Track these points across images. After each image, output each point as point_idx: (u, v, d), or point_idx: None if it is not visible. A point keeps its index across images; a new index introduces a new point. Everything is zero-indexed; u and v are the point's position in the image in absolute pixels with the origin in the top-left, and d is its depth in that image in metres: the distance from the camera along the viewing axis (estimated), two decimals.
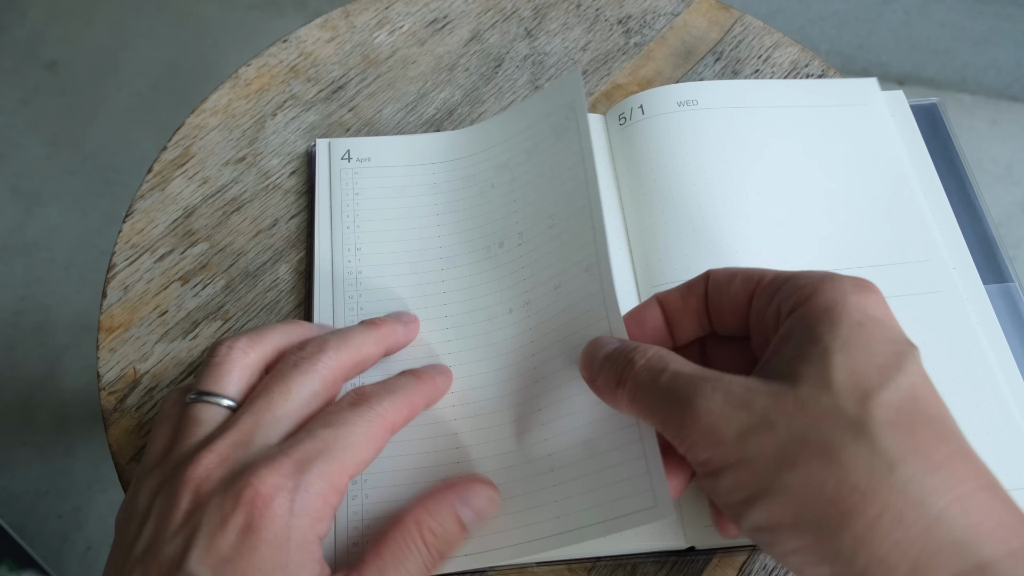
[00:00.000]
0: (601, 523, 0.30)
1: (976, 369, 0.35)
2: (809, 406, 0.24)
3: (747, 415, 0.24)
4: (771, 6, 1.31)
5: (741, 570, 0.33)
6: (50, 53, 1.30)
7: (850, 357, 0.24)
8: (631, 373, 0.28)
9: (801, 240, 0.38)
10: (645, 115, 0.41)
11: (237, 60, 0.65)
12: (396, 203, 0.40)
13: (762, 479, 0.24)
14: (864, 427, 0.23)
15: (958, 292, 0.37)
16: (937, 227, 0.39)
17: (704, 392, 0.25)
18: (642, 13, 0.48)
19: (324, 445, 0.28)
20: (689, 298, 0.31)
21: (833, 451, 0.23)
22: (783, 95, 0.42)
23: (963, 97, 1.26)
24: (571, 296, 0.34)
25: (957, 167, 0.41)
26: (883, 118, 0.41)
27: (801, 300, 0.27)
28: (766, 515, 0.24)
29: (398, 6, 0.48)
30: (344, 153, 0.42)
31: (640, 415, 0.28)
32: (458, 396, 0.35)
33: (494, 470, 0.32)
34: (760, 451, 0.24)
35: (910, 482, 0.22)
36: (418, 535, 0.28)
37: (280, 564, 0.25)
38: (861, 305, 0.26)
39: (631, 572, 0.33)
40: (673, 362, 0.27)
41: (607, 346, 0.30)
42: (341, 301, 0.37)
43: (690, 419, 0.25)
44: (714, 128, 0.40)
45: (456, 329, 0.36)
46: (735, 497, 0.25)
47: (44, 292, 1.11)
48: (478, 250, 0.38)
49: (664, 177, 0.39)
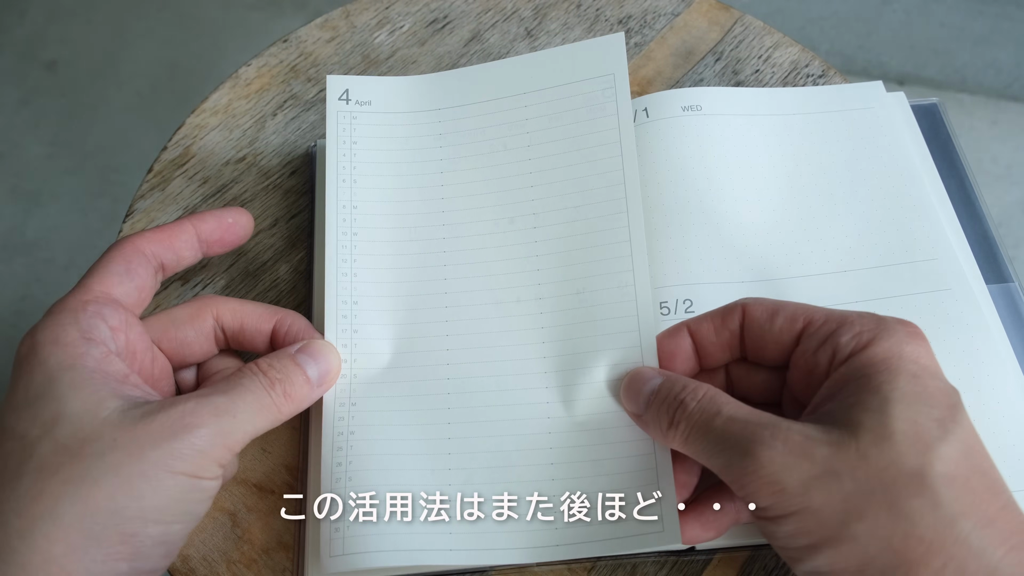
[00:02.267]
0: (603, 540, 0.30)
1: (986, 366, 0.35)
2: (871, 457, 0.25)
3: (810, 465, 0.25)
4: (771, 6, 1.31)
5: (741, 570, 0.33)
6: (50, 53, 1.30)
7: (909, 408, 0.25)
8: (684, 415, 0.28)
9: (808, 244, 0.38)
10: (649, 118, 0.41)
11: (237, 60, 0.65)
12: (397, 156, 0.36)
13: (828, 528, 0.25)
14: (926, 479, 0.24)
15: (970, 288, 0.36)
16: (947, 224, 0.39)
17: (764, 440, 0.26)
18: (642, 13, 0.48)
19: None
20: (723, 330, 0.31)
21: (899, 503, 0.24)
22: (787, 102, 0.42)
23: (963, 97, 1.26)
24: (597, 310, 0.33)
25: (957, 167, 0.41)
26: (890, 121, 0.41)
27: (859, 347, 0.27)
28: (829, 562, 0.25)
29: (398, 6, 0.48)
30: (342, 93, 0.37)
31: (695, 457, 0.29)
32: (454, 384, 0.33)
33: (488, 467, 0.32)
34: (826, 501, 0.25)
35: (971, 535, 0.24)
36: (257, 368, 0.29)
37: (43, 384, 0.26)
38: (916, 356, 0.27)
39: (631, 572, 0.33)
40: (725, 404, 0.28)
41: (651, 381, 0.31)
42: (334, 263, 0.35)
43: (751, 468, 0.26)
44: (718, 133, 0.40)
45: (456, 309, 0.34)
46: (797, 543, 0.26)
47: (44, 292, 1.11)
48: (485, 221, 0.35)
49: (669, 181, 0.39)
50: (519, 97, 0.37)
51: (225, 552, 0.33)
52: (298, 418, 0.36)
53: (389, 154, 0.37)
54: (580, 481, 0.31)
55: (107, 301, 0.29)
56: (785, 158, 0.40)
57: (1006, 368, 0.35)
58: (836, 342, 0.28)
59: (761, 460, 0.26)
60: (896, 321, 0.28)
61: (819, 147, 0.41)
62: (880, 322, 0.28)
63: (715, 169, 0.39)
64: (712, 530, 0.30)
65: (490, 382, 0.33)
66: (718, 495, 0.30)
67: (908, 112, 0.42)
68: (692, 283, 0.36)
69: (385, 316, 0.34)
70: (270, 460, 0.35)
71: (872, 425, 0.25)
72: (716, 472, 0.28)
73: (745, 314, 0.31)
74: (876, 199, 0.39)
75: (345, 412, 0.33)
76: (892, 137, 0.41)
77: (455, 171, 0.36)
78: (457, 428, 0.32)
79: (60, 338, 0.27)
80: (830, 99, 0.42)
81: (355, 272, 0.35)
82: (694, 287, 0.36)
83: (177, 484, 0.26)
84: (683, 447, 0.29)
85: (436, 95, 0.38)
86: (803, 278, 0.37)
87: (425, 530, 0.31)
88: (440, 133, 0.37)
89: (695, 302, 0.36)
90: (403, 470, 0.32)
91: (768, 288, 0.37)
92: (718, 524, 0.30)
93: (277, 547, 0.33)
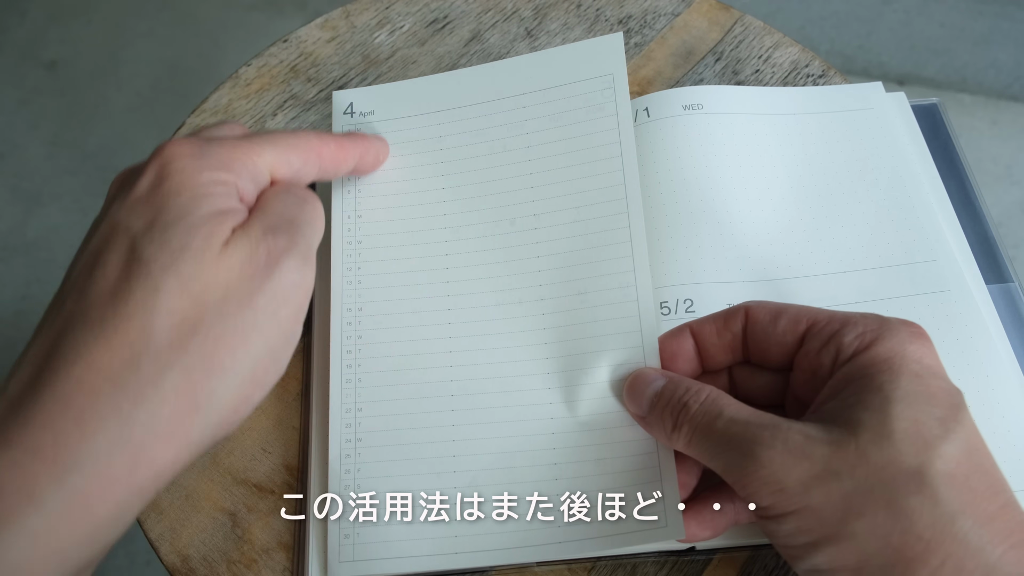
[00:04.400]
0: (606, 537, 0.30)
1: (986, 367, 0.35)
2: (871, 455, 0.25)
3: (809, 464, 0.25)
4: (771, 6, 1.31)
5: (742, 570, 0.33)
6: (50, 53, 1.30)
7: (911, 407, 0.25)
8: (687, 418, 0.29)
9: (808, 245, 0.38)
10: (651, 117, 0.41)
11: (237, 60, 0.65)
12: (399, 162, 0.37)
13: (827, 526, 0.25)
14: (925, 478, 0.24)
15: (968, 289, 0.36)
16: (946, 225, 0.39)
17: (764, 441, 0.26)
18: (642, 13, 0.48)
19: (255, 138, 0.28)
20: (725, 332, 0.31)
21: (897, 501, 0.24)
22: (788, 102, 0.42)
23: (963, 97, 1.26)
24: (599, 311, 0.33)
25: (957, 167, 0.41)
26: (889, 121, 0.41)
27: (863, 347, 0.28)
28: (828, 560, 0.25)
29: (398, 6, 0.48)
30: (347, 107, 0.39)
31: (699, 458, 0.29)
32: (457, 386, 0.33)
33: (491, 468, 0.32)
34: (826, 499, 0.25)
35: (970, 532, 0.24)
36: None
37: (183, 205, 0.26)
38: (919, 356, 0.27)
39: (631, 572, 0.33)
40: (727, 406, 0.28)
41: (654, 382, 0.31)
42: (339, 272, 0.35)
43: (752, 469, 0.26)
44: (719, 132, 0.40)
45: (458, 311, 0.34)
46: (797, 541, 0.26)
47: (44, 292, 1.11)
48: (486, 223, 0.36)
49: (669, 180, 0.39)
50: (518, 98, 0.37)
51: (225, 552, 0.33)
52: (298, 418, 0.36)
53: (391, 160, 0.37)
54: (583, 480, 0.31)
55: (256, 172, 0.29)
56: (785, 158, 0.40)
57: (1005, 368, 0.35)
58: (839, 342, 0.28)
59: (761, 461, 0.26)
60: (900, 322, 0.28)
61: (819, 147, 0.41)
62: (883, 322, 0.28)
63: (716, 168, 0.39)
64: (709, 529, 0.30)
65: (493, 383, 0.33)
66: (717, 495, 0.30)
67: (908, 112, 0.42)
68: (692, 283, 0.36)
69: (389, 320, 0.35)
70: (270, 460, 0.35)
71: (872, 424, 0.25)
72: (719, 473, 0.28)
73: (748, 316, 0.31)
74: (875, 200, 0.39)
75: (352, 418, 0.33)
76: (891, 138, 0.41)
77: (456, 174, 0.37)
78: (461, 430, 0.33)
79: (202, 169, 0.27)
80: (830, 99, 0.42)
81: (359, 279, 0.35)
82: (694, 287, 0.36)
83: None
84: (687, 449, 0.29)
85: (435, 97, 0.38)
86: (803, 279, 0.37)
87: (428, 533, 0.31)
88: (440, 135, 0.37)
89: (695, 301, 0.36)
90: (408, 475, 0.32)
91: (768, 288, 0.37)
92: (716, 524, 0.30)
93: (277, 547, 0.33)
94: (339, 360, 0.34)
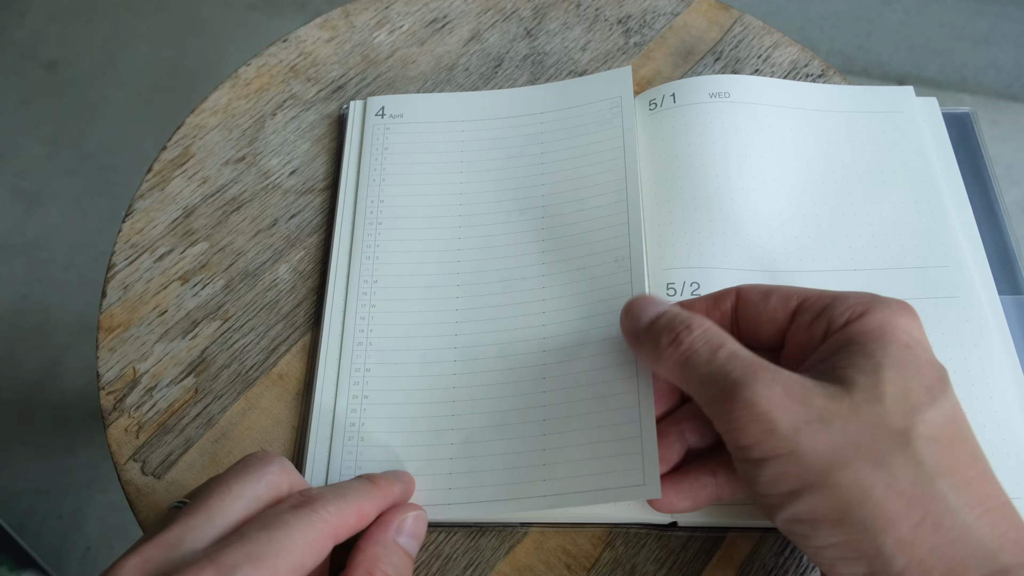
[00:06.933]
0: (586, 492, 0.31)
1: (986, 375, 0.35)
2: (862, 412, 0.26)
3: (804, 410, 0.26)
4: (771, 6, 1.31)
5: (741, 569, 0.33)
6: (50, 53, 1.30)
7: (900, 374, 0.26)
8: (689, 338, 0.29)
9: (820, 240, 0.38)
10: (676, 103, 0.41)
11: (237, 60, 0.65)
12: (422, 158, 0.41)
13: (811, 474, 0.25)
14: (910, 439, 0.25)
15: (978, 297, 0.36)
16: (962, 233, 0.39)
17: (764, 379, 0.27)
18: (642, 13, 0.48)
19: (255, 548, 0.24)
20: (714, 311, 0.32)
21: (883, 458, 0.25)
22: (816, 98, 0.42)
23: (963, 97, 1.26)
24: (595, 280, 0.36)
25: (983, 177, 0.41)
26: (916, 126, 0.41)
27: (854, 317, 0.28)
28: (809, 508, 0.25)
29: (398, 6, 0.49)
30: (379, 110, 0.43)
31: (685, 385, 0.29)
32: (460, 352, 0.36)
33: (486, 426, 0.34)
34: (813, 446, 0.25)
35: (948, 494, 0.25)
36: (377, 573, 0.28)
37: None
38: (908, 328, 0.28)
39: (630, 572, 0.33)
40: (730, 341, 0.29)
41: (659, 307, 0.31)
42: (359, 249, 0.39)
43: (745, 402, 0.26)
44: (743, 122, 0.40)
45: (466, 287, 0.38)
46: (779, 488, 0.26)
47: (44, 292, 1.11)
48: (498, 212, 0.39)
49: (688, 165, 0.39)
50: (536, 116, 0.42)
51: None
52: (298, 418, 0.36)
53: (415, 156, 0.41)
54: (569, 437, 0.33)
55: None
56: (807, 152, 0.40)
57: (1006, 379, 0.35)
58: (831, 315, 0.29)
59: (758, 396, 0.26)
60: (891, 299, 0.29)
61: (842, 145, 0.41)
62: (874, 297, 0.29)
63: (736, 156, 0.39)
64: (688, 500, 0.30)
65: (492, 349, 0.36)
66: (698, 470, 0.31)
67: (938, 119, 0.42)
68: (700, 266, 0.37)
69: (402, 292, 0.38)
70: None
71: (865, 385, 0.26)
72: (702, 403, 0.28)
73: (739, 296, 0.31)
74: (893, 202, 0.39)
75: (360, 377, 0.36)
76: (916, 143, 0.40)
77: (474, 171, 0.41)
78: (461, 392, 0.35)
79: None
80: (860, 99, 0.42)
81: (377, 256, 0.39)
82: (702, 271, 0.37)
83: None
84: (676, 370, 0.29)
85: (461, 110, 0.43)
86: (812, 272, 0.37)
87: (424, 484, 0.33)
88: (462, 140, 0.42)
89: (702, 285, 0.36)
90: (409, 431, 0.34)
91: (775, 279, 0.37)
92: (695, 495, 0.30)
93: None
94: (352, 324, 0.37)
